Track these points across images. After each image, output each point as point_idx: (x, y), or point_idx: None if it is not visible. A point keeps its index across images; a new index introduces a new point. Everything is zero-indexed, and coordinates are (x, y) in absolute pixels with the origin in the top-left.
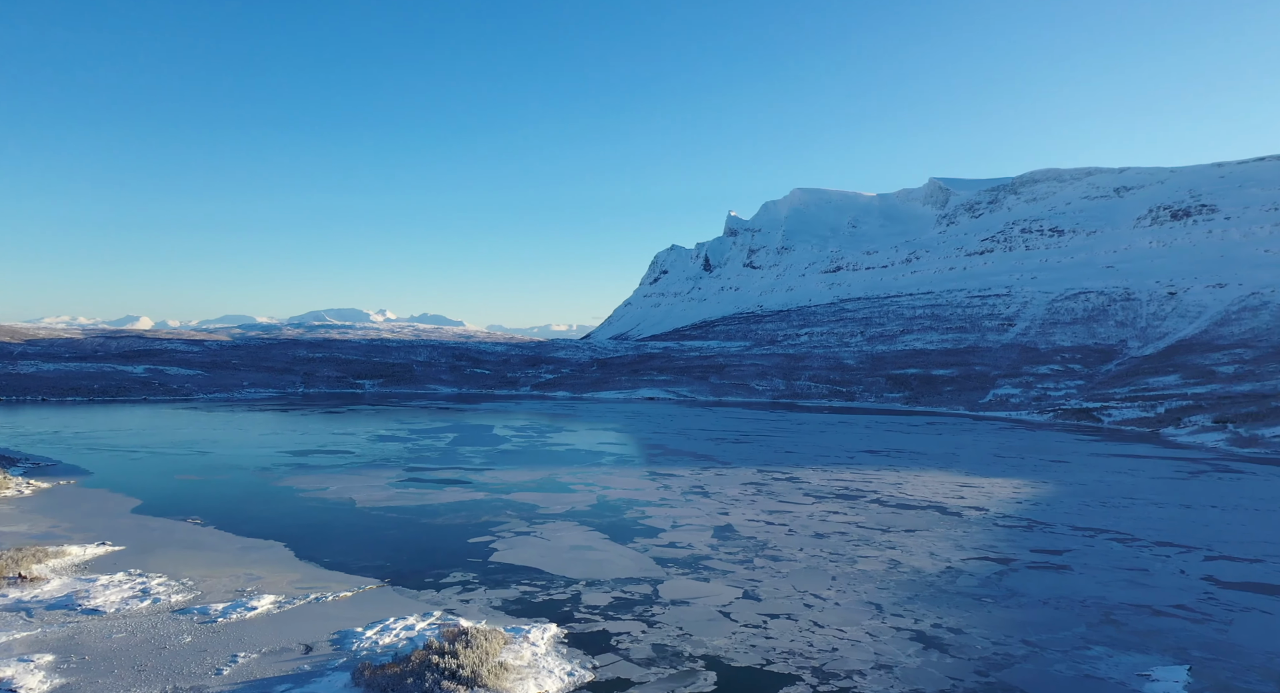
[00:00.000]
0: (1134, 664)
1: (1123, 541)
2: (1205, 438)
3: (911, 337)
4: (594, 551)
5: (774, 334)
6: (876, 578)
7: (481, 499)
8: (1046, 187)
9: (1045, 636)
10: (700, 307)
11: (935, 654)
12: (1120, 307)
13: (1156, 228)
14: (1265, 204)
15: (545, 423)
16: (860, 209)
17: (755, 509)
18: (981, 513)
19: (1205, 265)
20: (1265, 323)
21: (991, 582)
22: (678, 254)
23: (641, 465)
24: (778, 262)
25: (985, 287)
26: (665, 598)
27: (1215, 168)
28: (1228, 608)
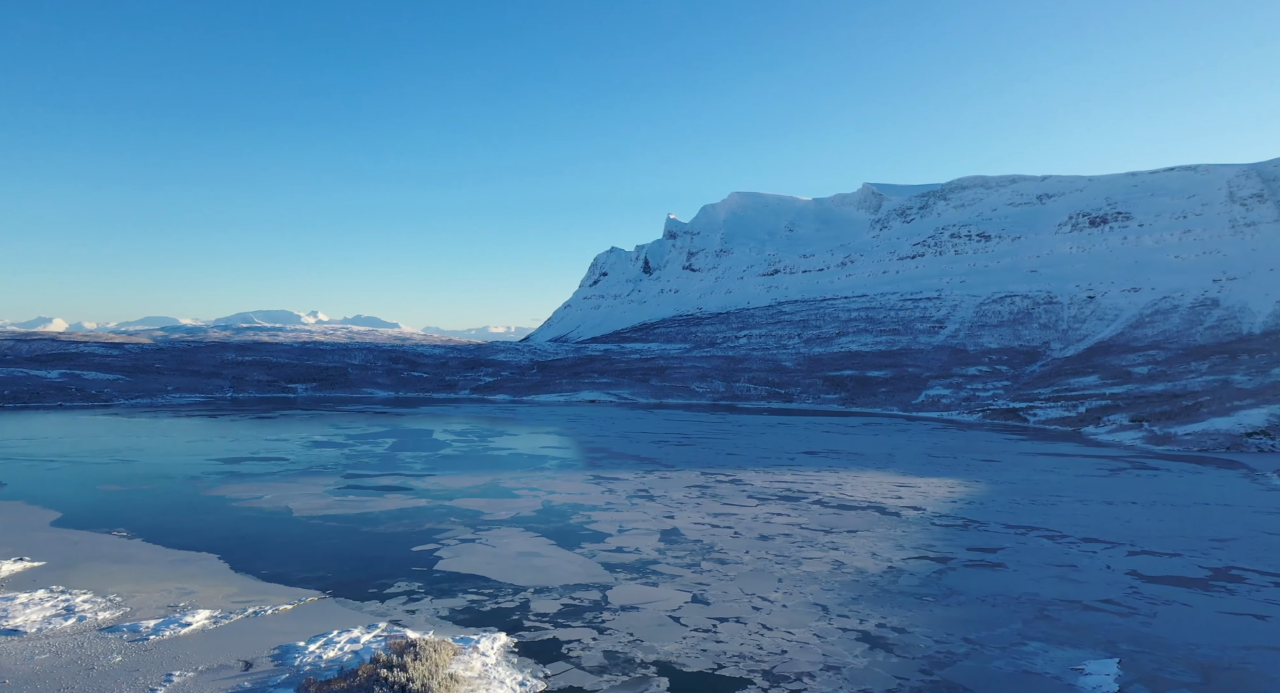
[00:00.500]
0: (1067, 659)
1: (1052, 538)
2: (1123, 436)
3: (847, 339)
4: (541, 557)
5: (713, 336)
6: (821, 579)
7: (424, 506)
8: (974, 193)
9: (984, 633)
10: (640, 309)
11: (881, 654)
12: (1043, 310)
13: (1076, 234)
14: (1174, 212)
15: (486, 427)
16: (797, 213)
17: (700, 512)
18: (919, 513)
19: (1121, 270)
20: (1175, 326)
21: (931, 581)
22: (617, 256)
23: (585, 469)
24: (716, 264)
25: (917, 290)
26: (615, 604)
27: (1129, 177)
28: (1151, 602)
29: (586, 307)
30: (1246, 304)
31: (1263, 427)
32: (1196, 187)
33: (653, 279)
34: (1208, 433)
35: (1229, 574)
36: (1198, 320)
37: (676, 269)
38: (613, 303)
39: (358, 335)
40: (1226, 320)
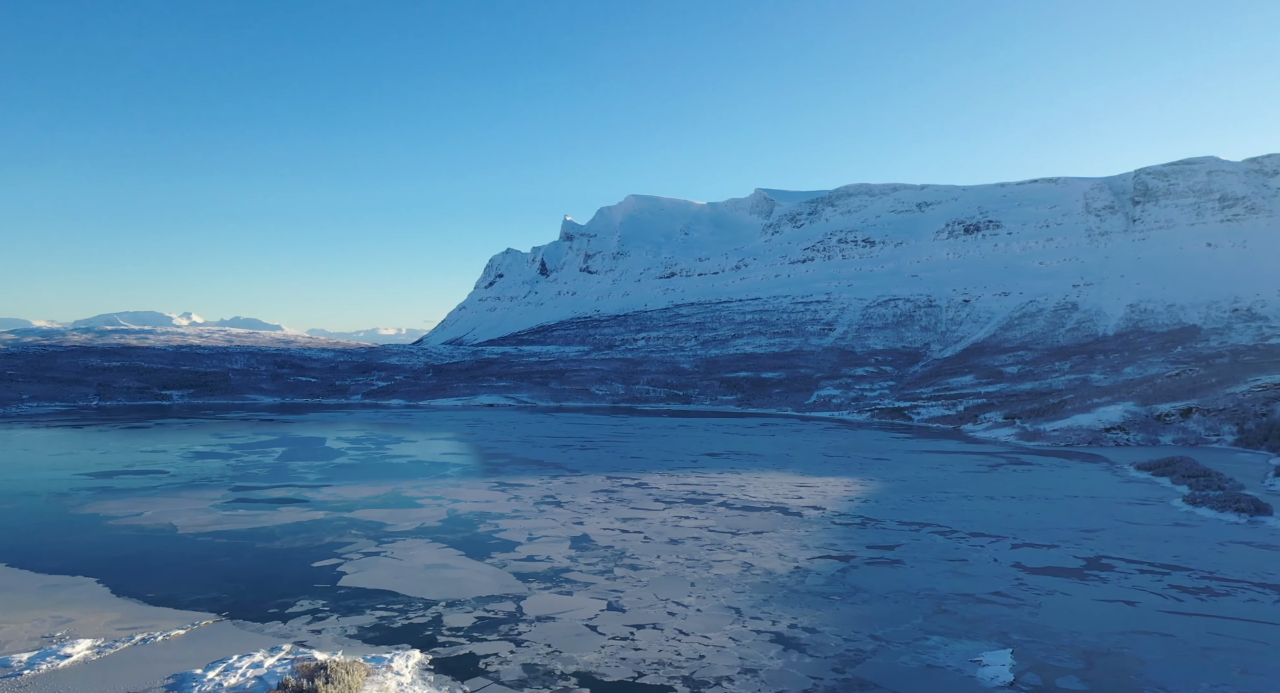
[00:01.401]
0: (966, 651)
1: (943, 533)
2: (998, 433)
3: (742, 341)
4: (451, 568)
5: (612, 339)
6: (733, 582)
7: (322, 519)
8: (859, 200)
9: (889, 629)
10: (538, 311)
11: (795, 655)
12: (924, 312)
13: (953, 241)
14: (1038, 221)
15: (382, 433)
16: (692, 217)
17: (609, 517)
18: (820, 512)
19: (993, 275)
20: (1041, 327)
21: (836, 579)
22: (514, 258)
23: (489, 476)
24: (614, 267)
25: (808, 293)
26: (530, 615)
27: (999, 187)
28: (1035, 592)
29: (482, 308)
30: (1101, 308)
31: (1119, 422)
32: (1057, 198)
33: (550, 281)
34: (1072, 429)
35: (1100, 563)
36: (1060, 323)
37: (574, 271)
38: (509, 305)
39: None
40: (1085, 323)
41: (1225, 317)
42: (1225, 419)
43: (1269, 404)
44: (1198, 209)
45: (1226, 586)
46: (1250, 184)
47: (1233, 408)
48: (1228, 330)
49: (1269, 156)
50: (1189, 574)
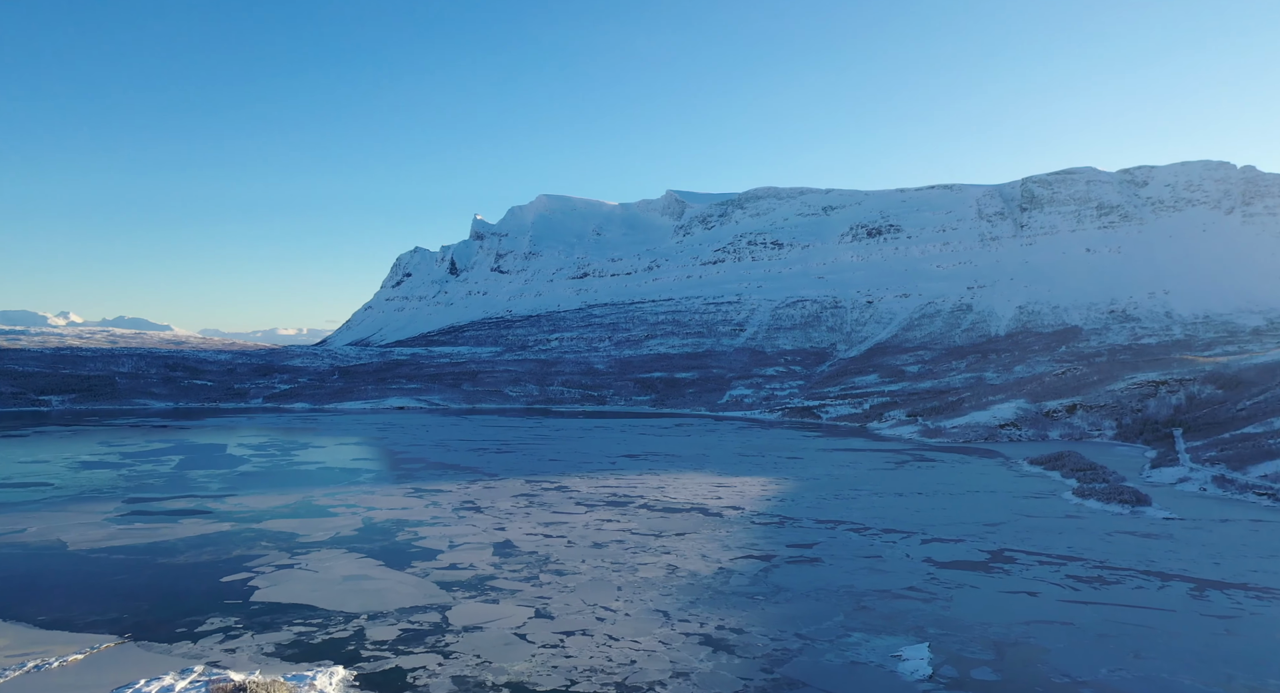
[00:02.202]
0: (887, 647)
1: (858, 530)
2: (902, 430)
3: (656, 341)
4: (370, 579)
5: (525, 340)
6: (659, 585)
7: (228, 530)
8: (768, 203)
9: (813, 627)
10: (448, 311)
11: (724, 656)
12: (830, 313)
13: (857, 244)
14: (936, 226)
15: (287, 439)
16: (604, 217)
17: (531, 522)
18: (739, 512)
19: (894, 278)
20: (939, 328)
21: (759, 579)
22: (422, 256)
23: (404, 482)
24: (526, 267)
25: (719, 294)
26: (456, 625)
27: (899, 193)
28: (946, 586)
29: (390, 308)
30: (993, 309)
31: (1012, 419)
32: (952, 203)
33: (460, 281)
34: (970, 426)
35: (1003, 556)
36: (956, 323)
37: (485, 271)
38: (418, 305)
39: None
40: (979, 323)
41: (1103, 318)
42: (1106, 415)
43: (1143, 401)
44: (1078, 216)
45: (1116, 574)
46: (1124, 193)
47: (1112, 404)
48: (1105, 331)
49: (1140, 168)
50: (1083, 564)
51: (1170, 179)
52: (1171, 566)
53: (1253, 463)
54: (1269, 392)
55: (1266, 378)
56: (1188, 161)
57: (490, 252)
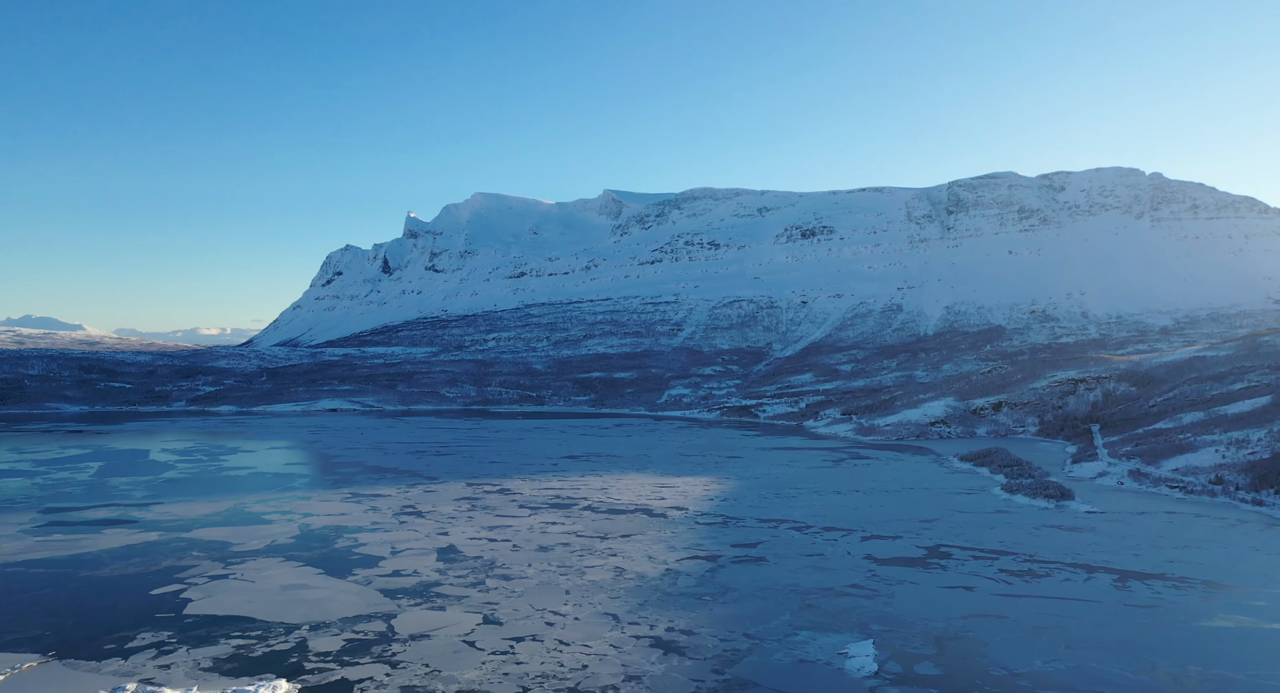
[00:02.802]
0: (833, 644)
1: (800, 529)
2: (838, 429)
3: (594, 341)
4: (310, 589)
5: (461, 340)
6: (607, 588)
7: (156, 540)
8: (704, 204)
9: (760, 627)
10: (381, 311)
11: (675, 659)
12: (766, 313)
13: (791, 245)
14: (867, 228)
15: (214, 443)
16: (541, 216)
17: (474, 526)
18: (683, 512)
19: (827, 278)
20: (871, 328)
21: (706, 580)
22: (353, 255)
23: (341, 486)
24: (461, 266)
25: (656, 294)
26: (403, 633)
27: (831, 195)
28: (887, 582)
29: (320, 308)
30: (922, 309)
31: (942, 416)
32: (883, 206)
33: (393, 280)
34: (903, 423)
35: (939, 552)
36: (887, 323)
37: (419, 270)
38: (350, 304)
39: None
40: (909, 323)
41: (1025, 318)
42: (1029, 412)
43: (1064, 398)
44: (1001, 219)
45: (1046, 567)
46: (1043, 198)
47: (1035, 402)
48: (1027, 330)
49: (1057, 173)
50: (1014, 558)
51: (1085, 184)
52: (1095, 558)
53: (1165, 457)
54: (1177, 389)
55: (1175, 376)
56: (1101, 168)
57: (425, 250)
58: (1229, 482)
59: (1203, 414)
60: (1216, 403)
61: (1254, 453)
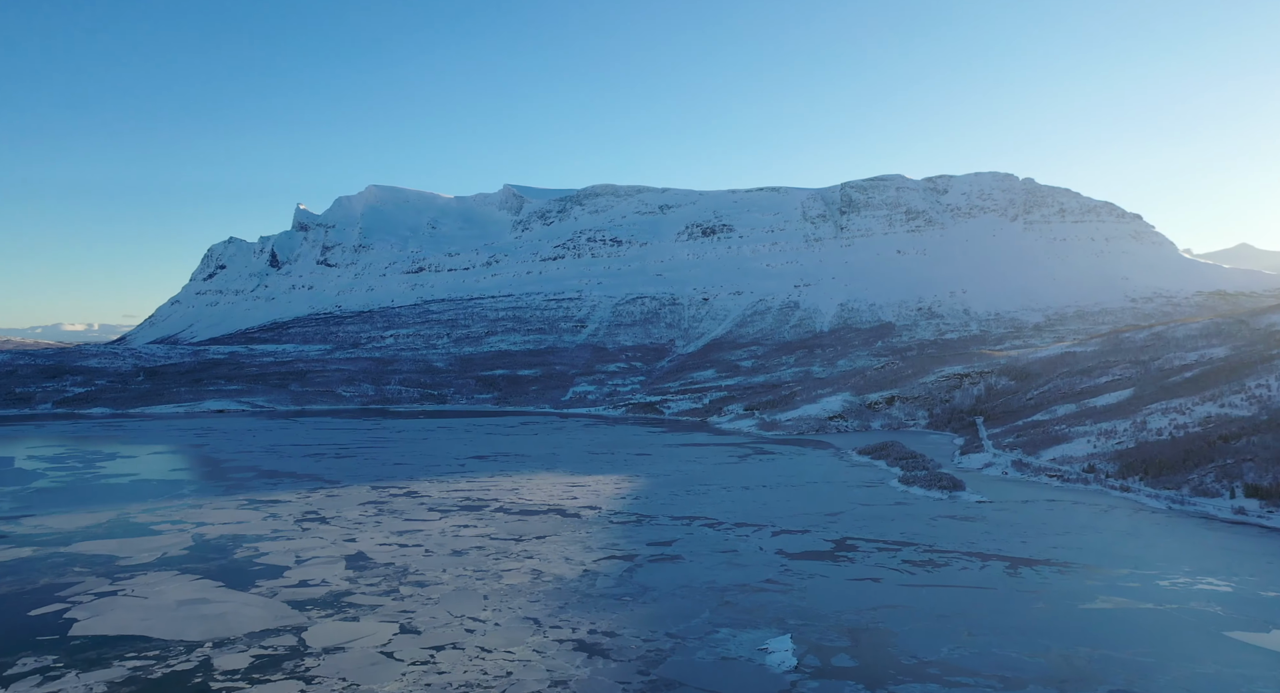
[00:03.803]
0: (753, 640)
1: (712, 525)
2: (741, 424)
3: (496, 338)
4: (211, 603)
5: (357, 337)
6: (525, 591)
7: (31, 557)
8: (606, 200)
9: (682, 625)
10: (270, 306)
11: (600, 662)
12: (669, 310)
13: (692, 242)
14: (765, 227)
15: (89, 449)
16: (439, 211)
17: (383, 531)
18: (596, 512)
19: (728, 276)
20: (770, 324)
21: (625, 580)
22: (238, 248)
23: (236, 493)
24: (356, 260)
25: (559, 290)
26: (315, 646)
27: (730, 193)
28: (800, 577)
29: (201, 303)
30: (818, 306)
31: (840, 411)
32: (779, 205)
33: (283, 274)
34: (803, 418)
35: (846, 544)
36: (785, 320)
37: (310, 264)
38: (235, 299)
39: None
40: (805, 320)
41: (913, 315)
42: (919, 405)
43: (950, 392)
44: (889, 220)
45: (944, 556)
46: (928, 200)
47: (924, 396)
48: (915, 327)
49: (940, 177)
50: (915, 549)
51: (966, 188)
52: (988, 546)
53: (1044, 448)
54: (1051, 383)
55: (1049, 370)
56: (980, 172)
57: (316, 244)
58: (1100, 470)
59: (1074, 406)
60: (1086, 395)
61: (1120, 443)
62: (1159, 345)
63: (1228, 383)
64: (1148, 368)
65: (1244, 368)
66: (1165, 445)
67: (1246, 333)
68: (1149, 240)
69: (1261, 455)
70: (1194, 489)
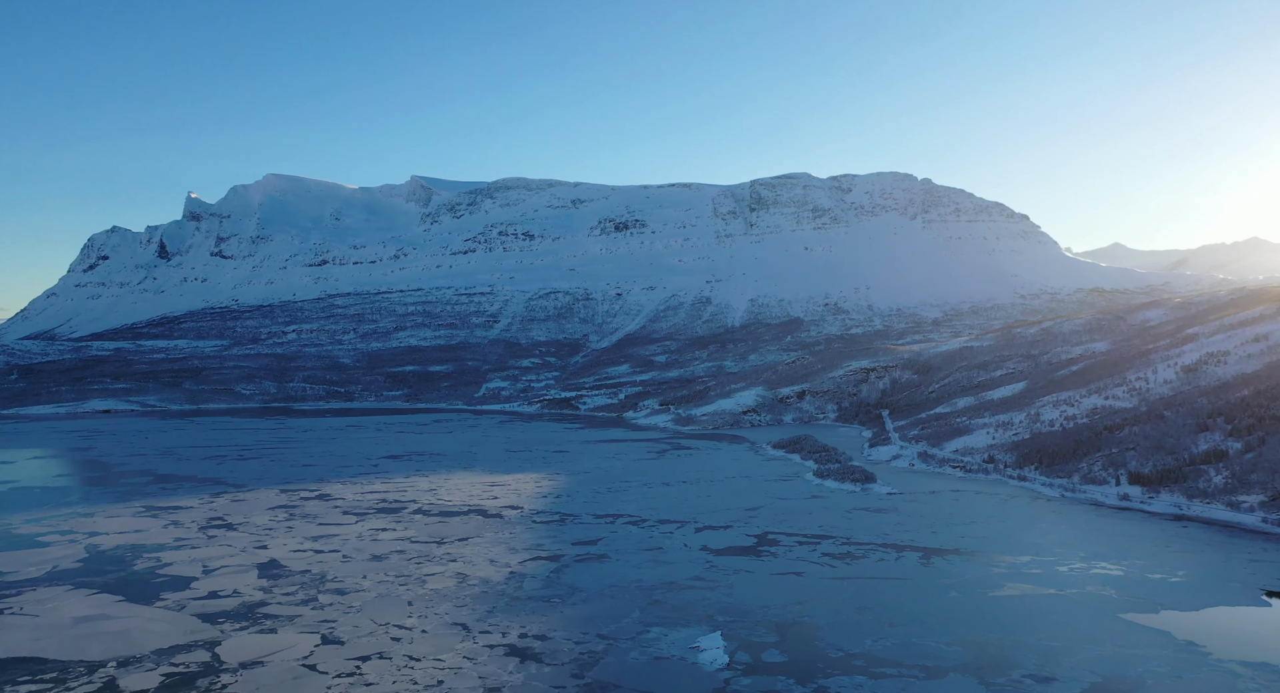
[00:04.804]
0: (684, 639)
1: (636, 523)
2: (657, 419)
3: (406, 333)
4: (111, 619)
5: (257, 332)
6: (451, 596)
7: None
8: (517, 194)
9: (612, 626)
10: (159, 300)
11: (533, 666)
12: (582, 305)
13: (605, 237)
14: (677, 222)
15: None
16: (343, 202)
17: (296, 537)
18: (518, 511)
19: (641, 271)
20: (682, 319)
21: (552, 581)
22: (122, 237)
23: (131, 499)
24: (254, 252)
25: (471, 285)
26: (230, 662)
27: (643, 189)
28: (725, 573)
29: (82, 296)
30: (729, 302)
31: (753, 405)
32: (691, 201)
33: (173, 266)
34: (718, 413)
35: (768, 539)
36: (698, 315)
37: (203, 255)
38: (119, 292)
39: None
40: (717, 315)
41: (820, 310)
42: (829, 399)
43: (858, 386)
44: (797, 218)
45: (861, 549)
46: (833, 198)
47: (833, 390)
48: (822, 322)
49: (845, 176)
50: (834, 542)
51: (869, 187)
52: (902, 537)
53: (947, 439)
54: (951, 376)
55: (949, 364)
56: (881, 172)
57: (210, 234)
58: (999, 461)
59: (973, 399)
60: (983, 388)
61: (1017, 434)
62: (1047, 340)
63: (1110, 376)
64: (1038, 362)
65: (1124, 362)
66: (1057, 436)
67: (1124, 328)
68: (1035, 240)
69: (1142, 445)
70: (1084, 477)
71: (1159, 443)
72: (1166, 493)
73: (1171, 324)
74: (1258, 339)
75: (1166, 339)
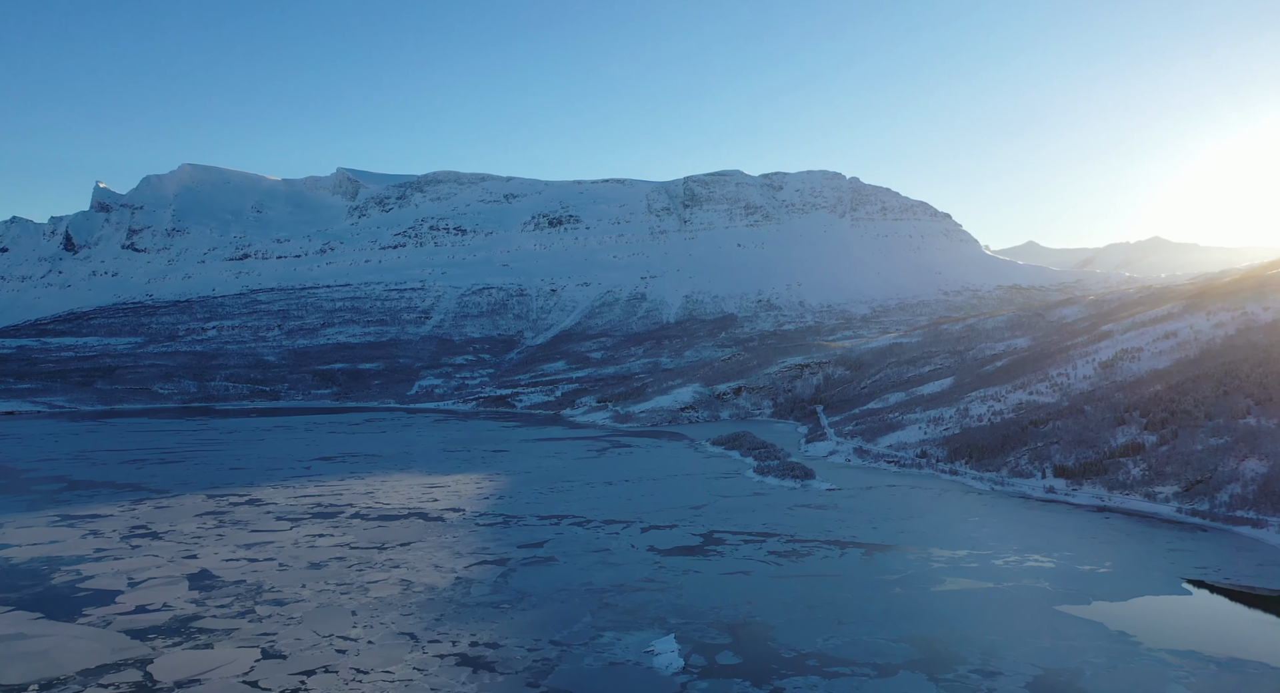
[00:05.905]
0: (638, 642)
1: (581, 524)
2: (595, 417)
3: (334, 330)
4: (29, 638)
5: (174, 329)
6: (397, 604)
7: None
8: (449, 187)
9: (565, 632)
10: (65, 294)
11: (486, 676)
12: (516, 301)
13: (539, 232)
14: (611, 218)
15: None
16: (265, 193)
17: (227, 545)
18: (460, 514)
19: (575, 267)
20: (618, 316)
21: (501, 586)
22: (23, 228)
23: (43, 508)
24: (169, 245)
25: (401, 280)
26: (165, 680)
27: (577, 185)
28: (674, 573)
29: None
30: (664, 298)
31: (691, 402)
32: (625, 197)
33: (80, 259)
34: (656, 410)
35: (713, 538)
36: (633, 312)
37: (114, 248)
38: (21, 286)
39: None
40: (652, 312)
41: (753, 307)
42: (764, 395)
43: (793, 382)
44: (730, 215)
45: (806, 546)
46: (765, 196)
47: (769, 386)
48: (756, 318)
49: (776, 173)
50: (779, 539)
51: (799, 185)
52: (844, 534)
53: (881, 435)
54: (882, 372)
55: (880, 360)
56: (811, 171)
57: (120, 226)
58: (931, 455)
59: (904, 395)
60: (913, 384)
61: (947, 429)
62: (972, 336)
63: (1033, 372)
64: (964, 358)
65: (1045, 358)
66: (986, 431)
67: (1043, 325)
68: (957, 238)
69: (1065, 438)
70: (1012, 471)
71: (1080, 437)
72: (1089, 485)
73: (1086, 321)
74: (1168, 336)
75: (1084, 336)
